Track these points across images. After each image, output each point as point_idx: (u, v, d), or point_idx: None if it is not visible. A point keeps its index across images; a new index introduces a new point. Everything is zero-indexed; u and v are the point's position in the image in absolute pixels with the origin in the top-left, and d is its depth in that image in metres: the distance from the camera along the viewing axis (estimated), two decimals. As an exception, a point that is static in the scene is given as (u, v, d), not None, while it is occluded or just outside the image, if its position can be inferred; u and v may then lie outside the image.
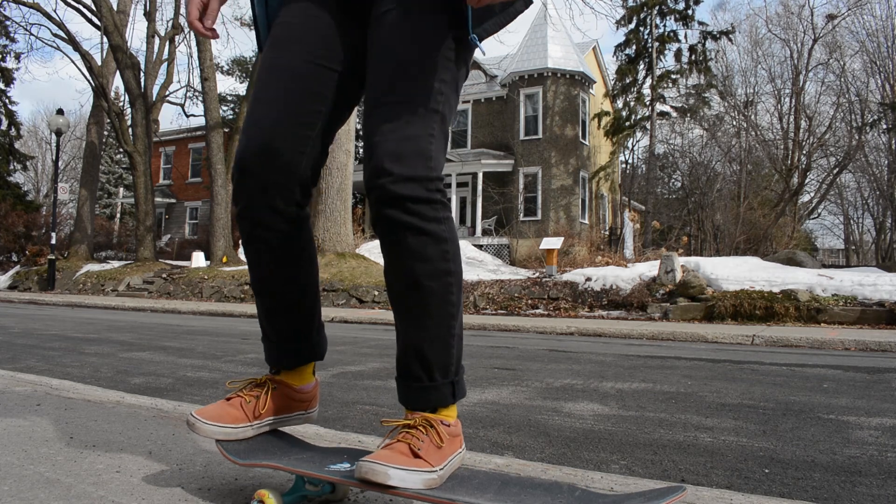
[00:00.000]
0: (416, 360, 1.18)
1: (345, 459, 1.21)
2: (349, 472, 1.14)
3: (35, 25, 29.41)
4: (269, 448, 1.27)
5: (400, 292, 1.19)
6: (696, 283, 9.23)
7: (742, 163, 24.07)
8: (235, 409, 1.27)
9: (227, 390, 1.36)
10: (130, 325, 7.81)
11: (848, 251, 36.99)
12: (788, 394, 3.38)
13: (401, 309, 1.20)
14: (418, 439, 1.13)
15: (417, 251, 1.13)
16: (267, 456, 1.22)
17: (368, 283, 12.09)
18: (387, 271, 1.20)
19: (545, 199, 22.11)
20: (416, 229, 1.12)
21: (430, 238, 1.14)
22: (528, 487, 1.11)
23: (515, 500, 1.04)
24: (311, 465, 1.18)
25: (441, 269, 1.16)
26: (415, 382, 1.19)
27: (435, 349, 1.18)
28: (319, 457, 1.24)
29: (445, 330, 1.19)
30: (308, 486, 1.22)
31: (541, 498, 1.06)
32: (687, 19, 22.41)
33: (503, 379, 3.77)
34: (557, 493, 1.09)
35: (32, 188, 41.39)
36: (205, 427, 1.22)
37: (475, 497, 1.05)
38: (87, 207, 19.80)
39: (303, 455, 1.25)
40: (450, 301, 1.19)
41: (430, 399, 1.19)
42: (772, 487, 1.82)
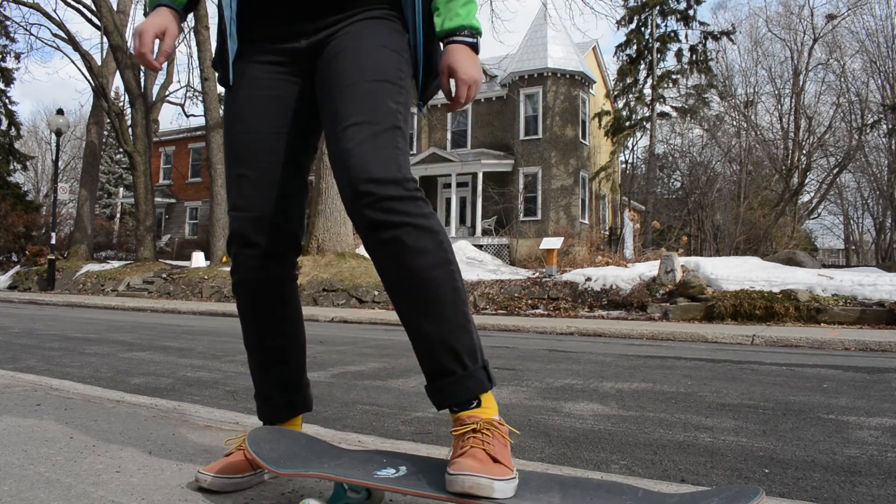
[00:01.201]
0: (446, 352, 1.20)
1: (385, 465, 1.19)
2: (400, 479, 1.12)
3: (35, 25, 29.45)
4: (302, 453, 1.25)
5: (408, 291, 1.21)
6: (696, 283, 9.22)
7: (742, 163, 24.07)
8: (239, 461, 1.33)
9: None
10: (130, 325, 7.81)
11: (848, 251, 36.99)
12: (788, 394, 3.38)
13: (415, 308, 1.22)
14: (490, 443, 1.13)
15: (415, 246, 1.18)
16: (304, 464, 1.20)
17: (368, 283, 12.09)
18: (390, 277, 1.23)
19: (545, 199, 22.11)
20: (408, 226, 1.17)
21: (424, 231, 1.19)
22: (590, 489, 1.09)
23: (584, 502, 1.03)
24: (355, 472, 1.15)
25: (442, 259, 1.21)
26: (450, 377, 1.21)
27: (459, 337, 1.21)
28: (359, 462, 1.21)
29: (463, 316, 1.23)
30: (350, 493, 1.19)
31: (608, 500, 1.05)
32: (688, 19, 22.40)
33: (503, 379, 3.77)
34: (620, 493, 1.08)
35: (32, 188, 41.39)
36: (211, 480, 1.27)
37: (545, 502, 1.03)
38: (87, 207, 19.80)
39: (340, 461, 1.22)
40: (458, 288, 1.23)
41: (469, 388, 1.21)
42: (772, 487, 1.82)
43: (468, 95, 1.28)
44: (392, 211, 1.17)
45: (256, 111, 1.36)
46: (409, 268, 1.19)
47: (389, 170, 1.19)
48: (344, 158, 1.21)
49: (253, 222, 1.34)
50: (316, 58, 1.34)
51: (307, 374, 1.49)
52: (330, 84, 1.29)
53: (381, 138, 1.22)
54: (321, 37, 1.33)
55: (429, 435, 2.35)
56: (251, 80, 1.36)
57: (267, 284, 1.38)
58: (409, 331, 1.25)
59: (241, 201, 1.35)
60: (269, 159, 1.35)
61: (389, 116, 1.25)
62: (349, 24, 1.32)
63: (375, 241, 1.19)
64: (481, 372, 1.23)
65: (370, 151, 1.20)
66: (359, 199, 1.18)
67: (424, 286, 1.19)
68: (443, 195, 24.55)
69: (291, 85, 1.37)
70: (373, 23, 1.32)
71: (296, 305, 1.45)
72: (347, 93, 1.26)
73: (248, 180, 1.35)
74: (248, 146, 1.36)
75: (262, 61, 1.36)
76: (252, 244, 1.35)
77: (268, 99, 1.36)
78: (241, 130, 1.37)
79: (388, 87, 1.27)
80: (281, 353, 1.42)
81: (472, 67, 1.27)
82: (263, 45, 1.36)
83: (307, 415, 1.48)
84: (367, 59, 1.27)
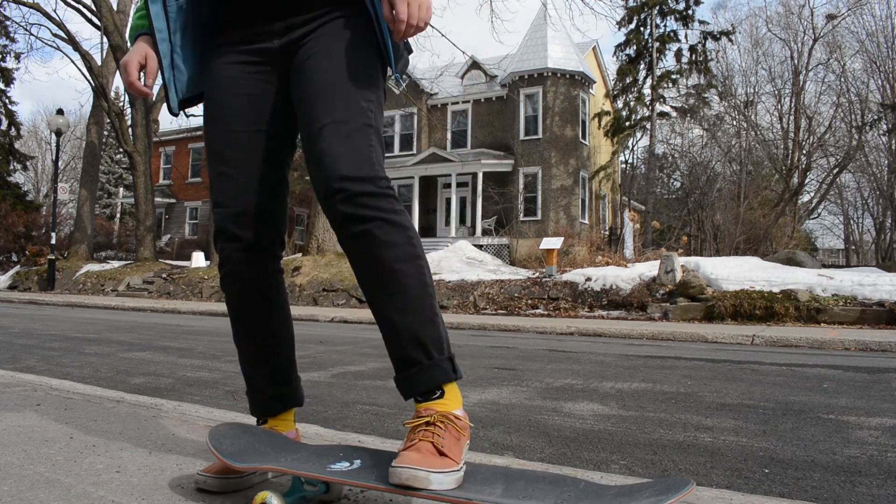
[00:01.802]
0: (412, 343, 1.24)
1: (341, 458, 1.22)
2: (352, 472, 1.14)
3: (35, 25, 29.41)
4: (262, 449, 1.28)
5: (378, 283, 1.26)
6: (696, 283, 9.22)
7: (742, 163, 24.07)
8: None
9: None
10: (130, 325, 7.81)
11: (848, 251, 36.99)
12: (788, 394, 3.38)
13: (384, 299, 1.26)
14: (440, 436, 1.16)
15: (385, 240, 1.23)
16: (262, 457, 1.23)
17: (368, 283, 12.07)
18: (361, 271, 1.28)
19: (545, 199, 22.11)
20: (379, 220, 1.23)
21: (393, 227, 1.24)
22: (534, 481, 1.11)
23: (526, 494, 1.04)
24: (309, 465, 1.18)
25: (410, 253, 1.25)
26: (416, 366, 1.24)
27: (425, 328, 1.25)
28: (315, 456, 1.24)
29: (430, 309, 1.27)
30: (306, 486, 1.23)
31: (550, 491, 1.06)
32: (687, 19, 22.39)
33: (503, 379, 3.77)
34: (563, 485, 1.09)
35: (32, 188, 41.38)
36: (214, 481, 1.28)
37: (487, 493, 1.04)
38: (87, 207, 19.80)
39: (298, 455, 1.26)
40: (426, 282, 1.27)
41: (433, 377, 1.24)
42: (772, 487, 1.82)
43: (410, 13, 1.24)
44: (364, 206, 1.22)
45: (233, 111, 1.39)
46: (378, 260, 1.24)
47: (363, 168, 1.24)
48: (319, 157, 1.26)
49: (235, 217, 1.38)
50: (290, 58, 1.37)
51: (298, 371, 1.51)
52: (304, 86, 1.33)
53: (354, 137, 1.26)
54: (294, 37, 1.36)
55: (429, 435, 2.35)
56: (226, 81, 1.40)
57: (254, 276, 1.42)
58: (379, 323, 1.29)
59: (223, 198, 1.39)
60: (248, 156, 1.39)
61: (361, 115, 1.29)
62: (319, 25, 1.35)
63: (348, 235, 1.25)
64: (446, 363, 1.26)
65: (344, 151, 1.24)
66: (333, 195, 1.23)
67: (393, 278, 1.24)
68: (443, 195, 24.55)
69: (267, 84, 1.40)
70: (341, 22, 1.35)
71: (283, 299, 1.48)
72: (321, 94, 1.30)
73: (228, 178, 1.39)
74: (227, 145, 1.40)
75: (236, 62, 1.40)
76: (236, 238, 1.39)
77: (244, 98, 1.39)
78: (219, 131, 1.41)
79: (360, 87, 1.31)
80: (270, 346, 1.46)
81: None
82: (236, 47, 1.40)
83: (307, 415, 1.49)
84: (338, 61, 1.31)
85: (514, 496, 1.03)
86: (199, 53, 1.45)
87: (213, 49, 1.44)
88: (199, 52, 1.45)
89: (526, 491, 1.06)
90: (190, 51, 1.44)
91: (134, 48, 1.40)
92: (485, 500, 1.01)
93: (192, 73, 1.44)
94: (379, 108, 1.35)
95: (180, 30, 1.41)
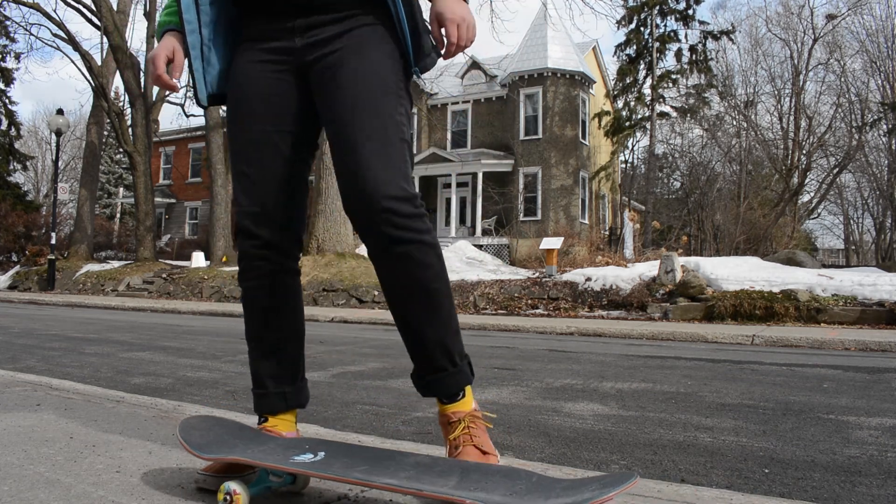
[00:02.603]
0: (442, 353, 1.37)
1: (307, 450, 1.24)
2: (315, 464, 1.16)
3: (35, 25, 29.43)
4: (230, 441, 1.30)
5: (412, 300, 1.35)
6: (696, 283, 9.22)
7: (742, 163, 24.07)
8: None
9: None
10: (130, 325, 7.81)
11: (848, 251, 36.98)
12: (788, 394, 3.38)
13: (417, 313, 1.36)
14: (477, 436, 1.35)
15: (423, 261, 1.32)
16: (228, 448, 1.26)
17: (368, 283, 12.08)
18: (396, 286, 1.35)
19: (545, 199, 22.11)
20: (417, 242, 1.30)
21: (429, 248, 1.33)
22: (489, 474, 1.15)
23: (479, 486, 1.08)
24: (274, 457, 1.21)
25: (442, 273, 1.37)
26: (443, 372, 1.38)
27: (452, 339, 1.39)
28: (282, 448, 1.27)
29: (455, 322, 1.41)
30: (272, 477, 1.25)
31: (502, 483, 1.10)
32: (687, 19, 22.40)
33: (503, 379, 3.77)
34: (516, 478, 1.13)
35: (32, 188, 41.38)
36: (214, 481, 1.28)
37: (440, 485, 1.08)
38: (87, 207, 19.79)
39: (265, 447, 1.28)
40: (451, 296, 1.40)
41: (459, 382, 1.39)
42: (772, 487, 1.82)
43: (460, 34, 1.28)
44: (405, 228, 1.28)
45: (253, 111, 1.40)
46: (416, 280, 1.33)
47: (403, 188, 1.29)
48: (357, 176, 1.28)
49: (254, 217, 1.41)
50: (314, 61, 1.37)
51: (305, 373, 1.53)
52: (336, 100, 1.34)
53: (392, 156, 1.30)
54: (318, 38, 1.36)
55: (429, 435, 2.35)
56: (247, 80, 1.41)
57: (269, 274, 1.44)
58: (406, 332, 1.39)
59: (242, 197, 1.42)
60: (267, 157, 1.40)
61: (396, 131, 1.32)
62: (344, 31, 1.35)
63: (388, 256, 1.31)
64: (466, 367, 1.41)
65: (384, 171, 1.28)
66: (376, 216, 1.27)
67: (429, 297, 1.34)
68: (443, 195, 24.55)
69: (288, 85, 1.40)
70: (367, 29, 1.36)
71: (296, 299, 1.50)
72: (356, 110, 1.31)
73: (247, 177, 1.41)
74: (247, 144, 1.41)
75: (257, 60, 1.40)
76: (254, 236, 1.41)
77: (264, 98, 1.40)
78: (240, 130, 1.42)
79: (393, 101, 1.34)
80: (278, 343, 1.48)
81: (460, 8, 1.29)
82: (259, 45, 1.40)
83: (307, 415, 1.50)
84: (370, 74, 1.33)
85: (466, 488, 1.07)
86: (230, 49, 1.46)
87: (237, 45, 1.45)
88: (230, 48, 1.46)
89: (479, 483, 1.09)
90: (221, 45, 1.44)
91: (161, 43, 1.41)
92: (437, 490, 1.05)
93: (223, 67, 1.45)
94: (409, 119, 1.38)
95: (211, 23, 1.42)
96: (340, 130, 1.33)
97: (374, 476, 1.11)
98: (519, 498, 1.04)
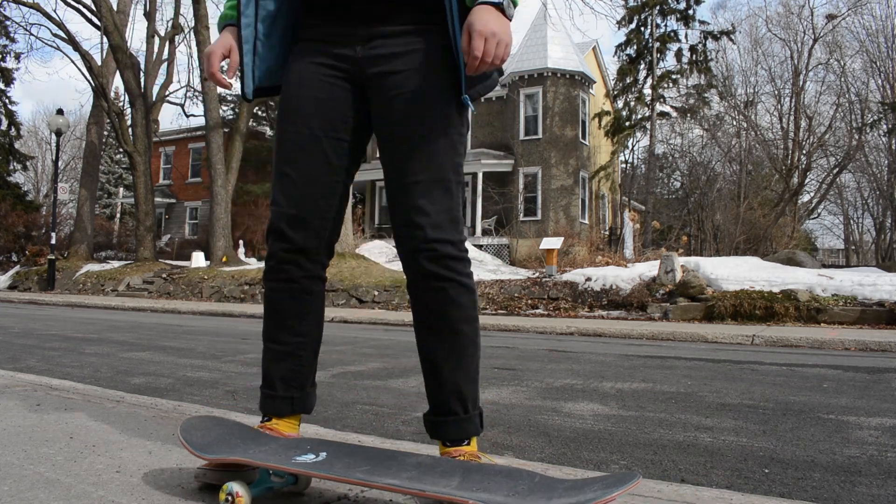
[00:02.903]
0: (455, 397, 1.37)
1: (309, 450, 1.24)
2: (317, 464, 1.16)
3: (35, 25, 29.46)
4: (231, 441, 1.30)
5: (438, 334, 1.37)
6: (696, 283, 9.22)
7: (742, 163, 24.06)
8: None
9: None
10: (130, 325, 7.81)
11: (848, 251, 36.97)
12: (788, 394, 3.38)
13: (439, 349, 1.37)
14: None
15: (456, 300, 1.34)
16: (229, 449, 1.25)
17: (368, 283, 12.08)
18: (423, 317, 1.38)
19: (545, 199, 22.10)
20: (455, 282, 1.34)
21: (465, 289, 1.35)
22: (491, 474, 1.15)
23: (481, 486, 1.08)
24: (277, 457, 1.21)
25: (472, 316, 1.38)
26: (452, 416, 1.37)
27: (469, 386, 1.38)
28: (283, 449, 1.26)
29: (475, 368, 1.40)
30: (273, 477, 1.25)
31: (504, 483, 1.10)
32: (688, 19, 22.38)
33: (503, 379, 3.77)
34: (519, 478, 1.13)
35: (32, 188, 41.36)
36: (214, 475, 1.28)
37: (442, 486, 1.08)
38: (87, 207, 19.79)
39: (266, 447, 1.28)
40: (477, 343, 1.40)
41: (467, 430, 1.38)
42: (772, 487, 1.82)
43: (486, 49, 1.20)
44: (446, 267, 1.32)
45: (304, 112, 1.39)
46: (446, 317, 1.35)
47: (451, 232, 1.33)
48: (410, 212, 1.33)
49: (289, 219, 1.39)
50: (374, 77, 1.35)
51: (315, 379, 1.54)
52: (393, 126, 1.35)
53: (444, 199, 1.33)
54: (378, 53, 1.34)
55: (429, 435, 2.35)
56: (302, 81, 1.40)
57: (295, 278, 1.43)
58: (426, 368, 1.40)
59: (281, 198, 1.40)
60: (311, 160, 1.39)
61: (454, 173, 1.35)
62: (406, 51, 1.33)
63: (425, 288, 1.35)
64: (477, 417, 1.40)
65: (434, 213, 1.32)
66: (419, 251, 1.32)
67: (454, 336, 1.36)
68: (443, 195, 24.50)
69: (344, 92, 1.39)
70: (430, 53, 1.34)
71: (318, 305, 1.49)
72: (415, 146, 1.33)
73: (289, 179, 1.39)
74: (293, 146, 1.40)
75: (314, 62, 1.39)
76: (286, 239, 1.40)
77: (319, 102, 1.38)
78: (288, 130, 1.41)
79: (453, 140, 1.35)
80: (293, 347, 1.46)
81: (494, 22, 1.21)
82: (318, 46, 1.39)
83: (307, 415, 1.49)
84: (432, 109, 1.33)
85: (468, 488, 1.07)
86: (285, 46, 1.45)
87: (296, 45, 1.43)
88: (285, 46, 1.45)
89: (481, 484, 1.09)
90: (277, 43, 1.44)
91: (219, 39, 1.41)
92: (439, 491, 1.05)
93: (273, 63, 1.44)
94: (464, 151, 1.39)
95: (269, 18, 1.41)
96: (397, 161, 1.35)
97: (376, 476, 1.11)
98: (521, 498, 1.04)
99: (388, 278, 12.26)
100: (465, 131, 1.39)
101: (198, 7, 17.01)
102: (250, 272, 14.24)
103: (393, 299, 11.54)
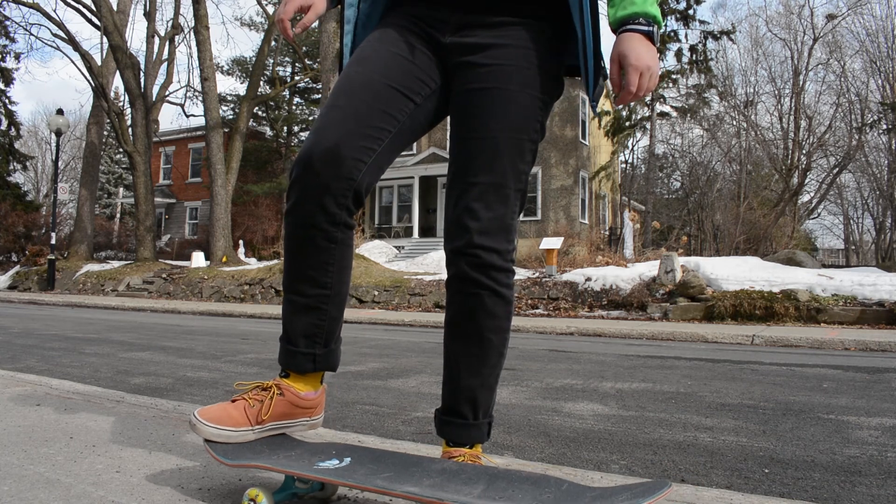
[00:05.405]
0: (467, 402, 1.35)
1: (333, 456, 1.21)
2: (339, 470, 1.14)
3: (35, 25, 29.44)
4: (258, 447, 1.27)
5: (465, 338, 1.35)
6: (696, 283, 9.22)
7: (742, 163, 24.06)
8: (238, 413, 1.29)
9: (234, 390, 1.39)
10: (130, 325, 7.81)
11: (848, 251, 36.97)
12: (788, 394, 3.38)
13: (461, 352, 1.35)
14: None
15: (490, 309, 1.32)
16: (255, 455, 1.22)
17: (368, 283, 12.08)
18: (457, 317, 1.35)
19: (545, 199, 22.11)
20: (493, 291, 1.31)
21: (501, 299, 1.33)
22: (516, 481, 1.11)
23: (504, 495, 1.05)
24: (300, 463, 1.18)
25: (503, 327, 1.36)
26: (460, 420, 1.36)
27: (484, 393, 1.36)
28: (308, 454, 1.24)
29: (495, 378, 1.38)
30: (298, 483, 1.22)
31: (529, 492, 1.07)
32: (688, 19, 22.38)
33: (503, 379, 3.77)
34: (545, 486, 1.10)
35: (32, 188, 41.34)
36: (205, 428, 1.25)
37: (465, 494, 1.05)
38: (87, 207, 19.79)
39: (291, 453, 1.25)
40: (503, 353, 1.38)
41: (473, 436, 1.36)
42: (772, 487, 1.82)
43: (640, 84, 1.18)
44: (487, 275, 1.30)
45: (380, 59, 1.32)
46: (476, 323, 1.33)
47: (499, 241, 1.30)
48: (462, 212, 1.30)
49: (324, 150, 1.25)
50: (459, 66, 1.32)
51: (340, 334, 1.41)
52: (466, 119, 1.32)
53: (502, 206, 1.30)
54: (466, 42, 1.31)
55: (429, 435, 2.35)
56: (386, 34, 1.35)
57: (318, 222, 1.28)
58: (447, 368, 1.38)
59: (321, 127, 1.28)
60: (368, 101, 1.28)
61: (517, 181, 1.31)
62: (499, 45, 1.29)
63: (461, 290, 1.33)
64: (486, 426, 1.38)
65: (487, 219, 1.29)
66: (463, 253, 1.30)
67: (480, 343, 1.34)
68: (443, 195, 24.52)
69: (428, 60, 1.34)
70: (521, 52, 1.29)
71: (345, 256, 1.34)
72: (484, 146, 1.29)
73: (339, 109, 1.28)
74: (354, 82, 1.30)
75: (404, 26, 1.35)
76: (313, 171, 1.25)
77: (396, 56, 1.32)
78: (356, 70, 1.32)
79: (523, 147, 1.30)
80: (317, 300, 1.33)
81: (647, 55, 1.18)
82: (409, 18, 1.36)
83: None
84: (511, 114, 1.28)
85: (492, 497, 1.04)
86: None
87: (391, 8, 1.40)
88: None
89: (506, 492, 1.06)
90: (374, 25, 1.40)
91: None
92: (459, 500, 1.01)
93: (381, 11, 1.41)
94: (534, 159, 1.34)
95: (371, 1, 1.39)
96: (462, 157, 1.32)
97: (397, 484, 1.07)
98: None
99: (388, 278, 12.26)
100: (539, 139, 1.33)
101: (198, 7, 17.02)
102: (250, 272, 14.24)
103: (393, 299, 11.54)
